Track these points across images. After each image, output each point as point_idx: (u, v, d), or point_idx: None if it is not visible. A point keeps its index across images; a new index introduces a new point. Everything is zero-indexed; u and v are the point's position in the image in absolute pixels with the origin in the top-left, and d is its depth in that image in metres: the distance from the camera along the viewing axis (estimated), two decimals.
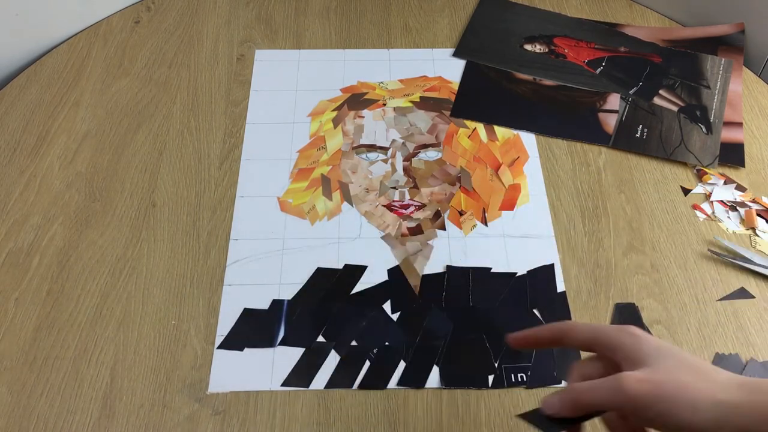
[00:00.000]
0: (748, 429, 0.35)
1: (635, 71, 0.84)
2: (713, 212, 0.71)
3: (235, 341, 0.61)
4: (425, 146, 0.76)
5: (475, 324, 0.63)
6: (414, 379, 0.60)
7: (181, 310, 0.63)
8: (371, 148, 0.76)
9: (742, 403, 0.35)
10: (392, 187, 0.73)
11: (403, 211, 0.71)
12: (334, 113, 0.80)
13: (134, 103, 0.80)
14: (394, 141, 0.77)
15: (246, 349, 0.61)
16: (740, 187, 0.73)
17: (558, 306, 0.64)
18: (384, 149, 0.76)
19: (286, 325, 0.62)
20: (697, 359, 0.38)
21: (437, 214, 0.71)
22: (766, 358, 0.61)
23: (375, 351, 0.61)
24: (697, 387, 0.36)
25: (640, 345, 0.39)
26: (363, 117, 0.79)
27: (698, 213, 0.71)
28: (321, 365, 0.60)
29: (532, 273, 0.66)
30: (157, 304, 0.64)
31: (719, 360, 0.61)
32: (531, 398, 0.59)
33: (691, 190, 0.73)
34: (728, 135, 0.78)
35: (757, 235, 0.70)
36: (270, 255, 0.67)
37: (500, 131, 0.79)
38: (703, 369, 0.38)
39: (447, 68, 0.85)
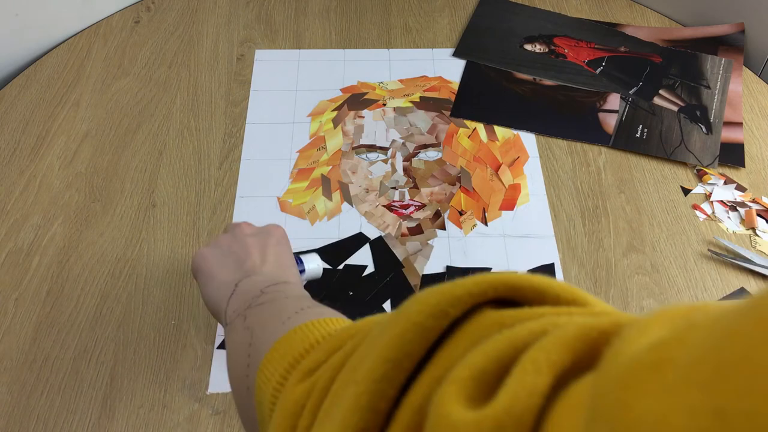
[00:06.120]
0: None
1: (635, 71, 0.84)
2: (713, 212, 0.71)
3: None
4: (425, 146, 0.76)
5: None
6: None
7: (181, 310, 0.63)
8: (371, 148, 0.76)
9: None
10: (392, 187, 0.73)
11: (403, 211, 0.71)
12: (334, 113, 0.80)
13: (134, 103, 0.80)
14: (394, 141, 0.77)
15: None
16: (740, 187, 0.73)
17: None
18: (384, 149, 0.76)
19: None
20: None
21: (437, 214, 0.71)
22: None
23: None
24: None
25: None
26: (363, 117, 0.79)
27: (698, 213, 0.71)
28: None
29: (532, 273, 0.66)
30: (157, 304, 0.64)
31: None
32: None
33: (691, 190, 0.73)
34: (728, 135, 0.78)
35: (757, 235, 0.70)
36: None
37: (500, 131, 0.78)
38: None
39: (447, 68, 0.85)
